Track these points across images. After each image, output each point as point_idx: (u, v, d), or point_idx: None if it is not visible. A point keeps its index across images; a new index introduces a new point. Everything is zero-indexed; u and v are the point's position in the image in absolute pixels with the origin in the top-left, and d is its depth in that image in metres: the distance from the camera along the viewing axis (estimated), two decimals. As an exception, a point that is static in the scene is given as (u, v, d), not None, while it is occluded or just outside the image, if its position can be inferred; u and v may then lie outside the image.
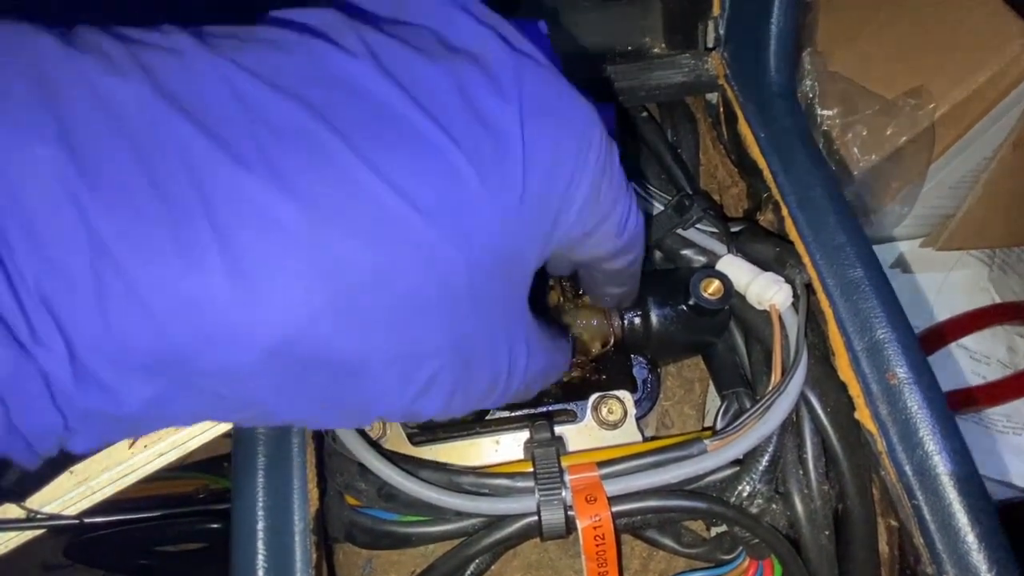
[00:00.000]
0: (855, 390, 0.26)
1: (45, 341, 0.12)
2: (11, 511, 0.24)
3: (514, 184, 0.16)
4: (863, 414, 0.26)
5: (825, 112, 0.48)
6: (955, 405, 0.52)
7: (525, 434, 0.30)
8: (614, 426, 0.30)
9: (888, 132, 0.47)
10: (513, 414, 0.32)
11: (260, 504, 0.25)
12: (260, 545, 0.24)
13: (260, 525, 0.24)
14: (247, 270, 0.13)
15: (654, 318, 0.31)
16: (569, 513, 0.26)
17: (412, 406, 0.18)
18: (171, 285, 0.13)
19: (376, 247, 0.14)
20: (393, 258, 0.15)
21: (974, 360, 0.55)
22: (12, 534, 0.24)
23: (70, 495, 0.24)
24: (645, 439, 0.31)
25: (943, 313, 0.56)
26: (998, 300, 0.57)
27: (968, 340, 0.55)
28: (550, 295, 0.33)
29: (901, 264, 0.58)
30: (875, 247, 0.58)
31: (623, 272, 0.25)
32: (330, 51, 0.15)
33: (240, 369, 0.14)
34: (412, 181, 0.15)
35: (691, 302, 0.30)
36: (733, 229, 0.33)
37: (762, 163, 0.32)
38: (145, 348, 0.13)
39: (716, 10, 0.36)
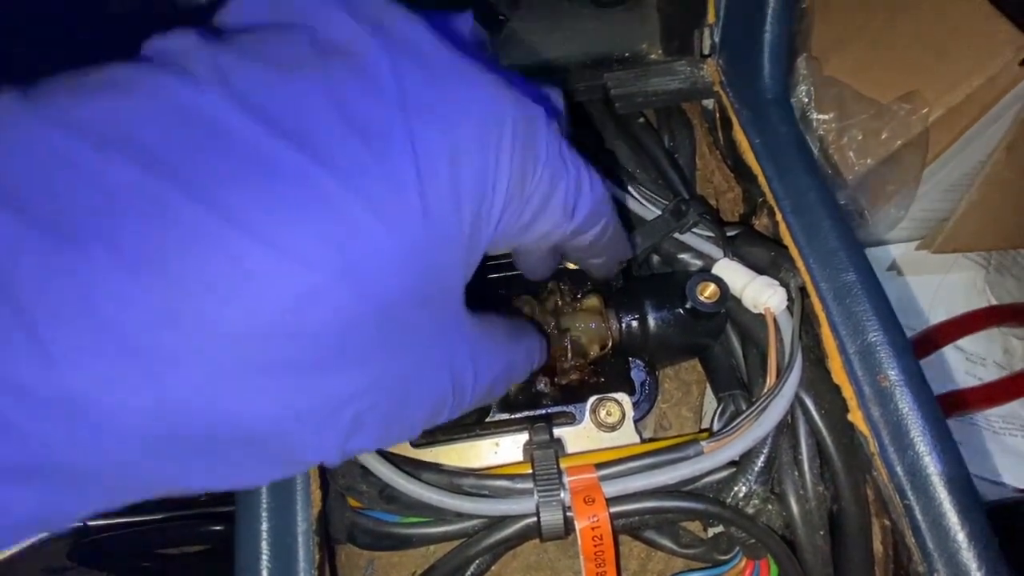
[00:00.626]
0: (848, 392, 0.27)
1: None
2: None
3: (409, 201, 0.14)
4: (856, 416, 0.26)
5: (820, 117, 0.49)
6: (951, 407, 0.52)
7: (524, 436, 0.31)
8: (612, 428, 0.31)
9: (883, 136, 0.48)
10: (512, 416, 0.32)
11: (263, 506, 0.25)
12: (264, 546, 0.24)
13: (263, 526, 0.25)
14: (107, 357, 0.12)
15: (651, 321, 0.31)
16: (568, 514, 0.26)
17: (345, 448, 0.16)
18: (23, 386, 0.12)
19: (248, 307, 0.13)
20: (271, 316, 0.13)
21: (970, 362, 0.55)
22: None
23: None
24: (643, 441, 0.31)
25: (939, 315, 0.56)
26: (994, 302, 0.57)
27: (964, 342, 0.55)
28: (548, 299, 0.33)
29: (897, 267, 0.58)
30: (871, 250, 0.58)
31: (595, 245, 0.22)
32: (175, 84, 0.13)
33: (126, 458, 0.13)
34: (279, 226, 0.13)
35: (688, 305, 0.30)
36: (729, 233, 0.33)
37: (757, 169, 0.33)
38: (9, 458, 0.12)
39: (711, 18, 0.36)
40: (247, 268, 0.13)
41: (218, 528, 0.49)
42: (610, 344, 0.32)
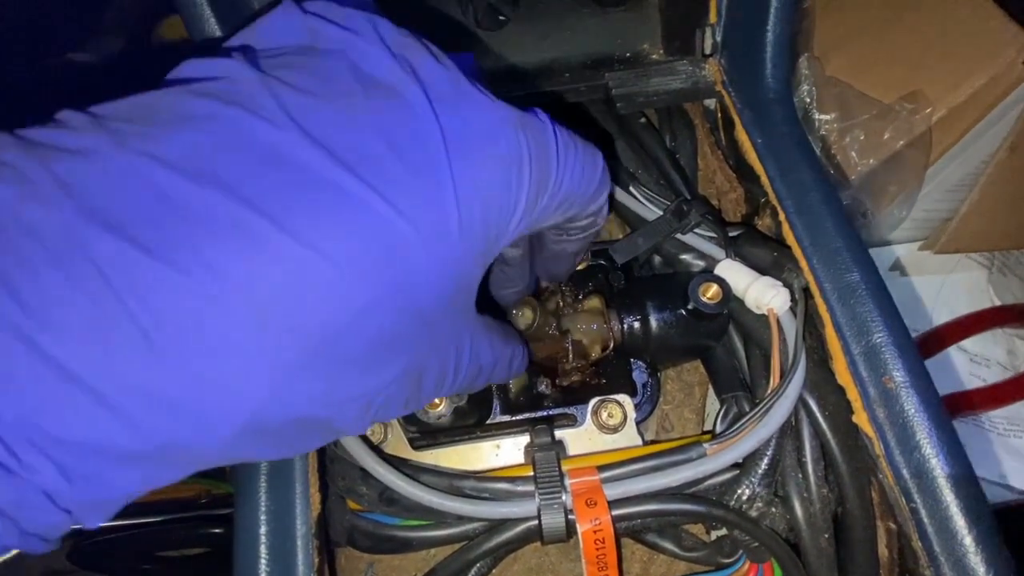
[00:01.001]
0: (853, 393, 0.26)
1: (35, 466, 0.13)
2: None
3: (450, 227, 0.16)
4: (861, 417, 0.26)
5: (823, 117, 0.48)
6: (955, 408, 0.52)
7: (525, 438, 0.31)
8: (614, 430, 0.31)
9: (885, 136, 0.48)
10: (514, 418, 0.32)
11: (262, 509, 0.25)
12: (263, 550, 0.24)
13: (263, 530, 0.25)
14: (203, 360, 0.14)
15: (653, 322, 0.31)
16: (569, 517, 0.26)
17: (370, 421, 0.19)
18: (138, 386, 0.14)
19: (320, 313, 0.15)
20: (340, 322, 0.15)
21: (974, 363, 0.55)
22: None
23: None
24: (645, 443, 0.31)
25: (942, 316, 0.56)
26: (997, 303, 0.57)
27: (968, 343, 0.55)
28: (550, 300, 0.33)
29: (900, 267, 0.58)
30: (874, 251, 0.58)
31: (592, 226, 0.24)
32: (250, 121, 0.15)
33: (216, 445, 0.16)
34: (347, 249, 0.15)
35: (690, 306, 0.30)
36: (731, 234, 0.33)
37: (759, 169, 0.33)
38: (126, 446, 0.14)
39: (713, 17, 0.36)
40: (317, 282, 0.15)
41: (217, 531, 0.49)
42: (612, 345, 0.32)
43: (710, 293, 0.30)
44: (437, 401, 0.30)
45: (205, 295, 0.14)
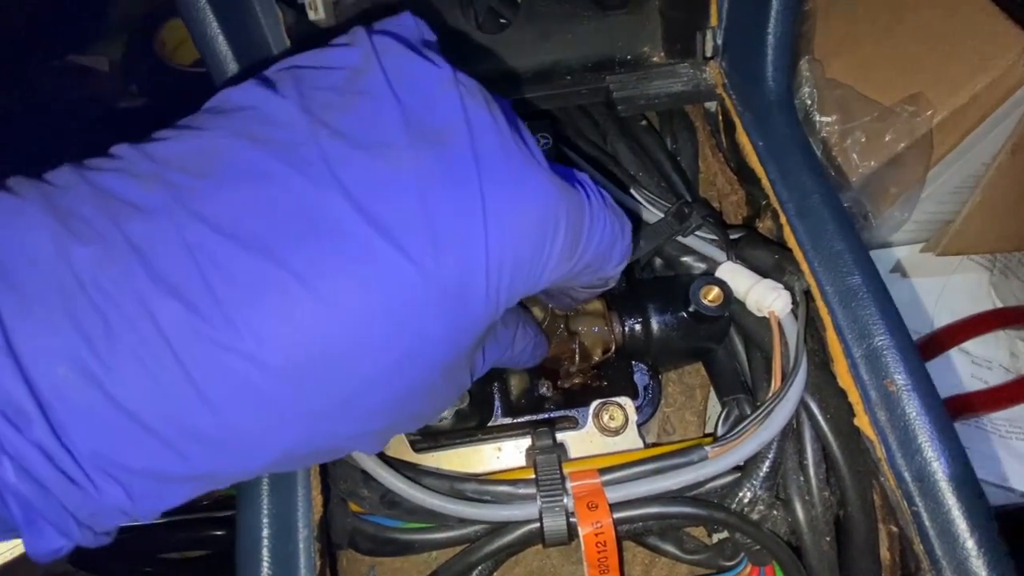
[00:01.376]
0: (854, 396, 0.26)
1: (107, 489, 0.16)
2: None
3: (476, 290, 0.17)
4: (862, 420, 0.26)
5: (824, 119, 0.48)
6: (956, 410, 0.52)
7: (527, 441, 0.31)
8: (615, 432, 0.31)
9: (886, 138, 0.48)
10: (515, 421, 0.32)
11: (265, 512, 0.25)
12: (265, 552, 0.24)
13: (265, 532, 0.25)
14: (244, 410, 0.16)
15: (655, 325, 0.31)
16: (571, 520, 0.26)
17: (387, 442, 0.22)
18: (191, 429, 0.16)
19: (348, 371, 0.17)
20: (364, 377, 0.17)
21: (976, 365, 0.55)
22: (17, 540, 0.24)
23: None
24: (646, 445, 0.31)
25: (944, 318, 0.56)
26: (999, 305, 0.57)
27: (969, 345, 0.55)
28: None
29: (901, 270, 0.58)
30: (875, 253, 0.58)
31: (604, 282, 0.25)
32: (294, 181, 0.16)
33: (252, 472, 0.18)
34: (371, 307, 0.16)
35: (691, 309, 0.30)
36: (732, 236, 0.33)
37: (760, 171, 0.33)
38: (178, 473, 0.17)
39: (714, 20, 0.36)
40: (347, 343, 0.16)
41: (219, 533, 0.49)
42: (613, 347, 0.32)
43: (711, 296, 0.30)
44: (439, 404, 0.30)
45: (247, 354, 0.15)
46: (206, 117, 0.18)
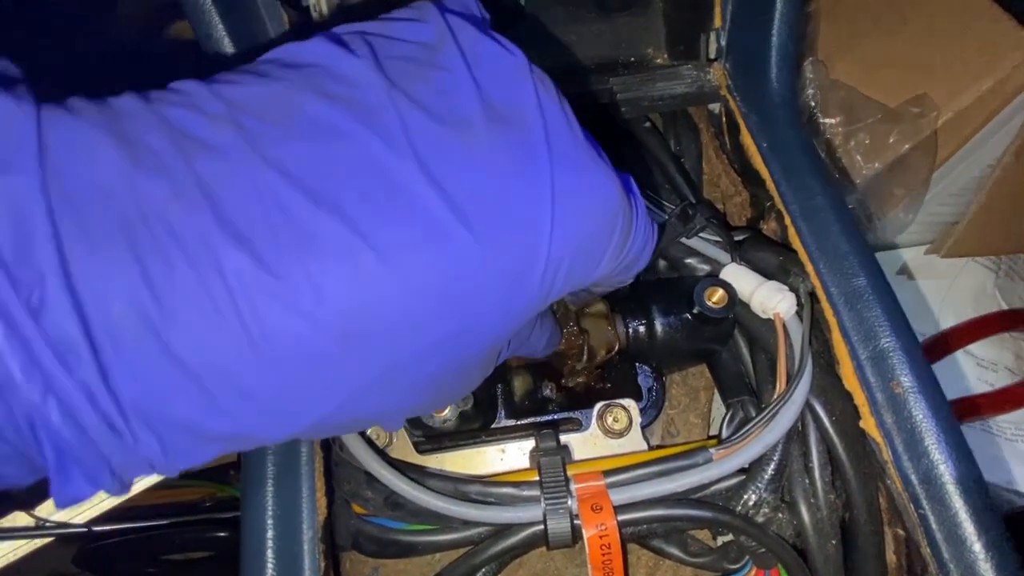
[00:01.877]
0: (860, 399, 0.26)
1: (144, 440, 0.16)
2: (20, 519, 0.24)
3: (533, 280, 0.17)
4: (868, 423, 0.26)
5: (828, 120, 0.48)
6: (962, 413, 0.51)
7: (530, 443, 0.30)
8: (619, 435, 0.30)
9: (891, 140, 0.47)
10: (518, 423, 0.32)
11: (269, 513, 0.25)
12: (269, 554, 0.24)
13: (269, 534, 0.25)
14: (293, 370, 0.16)
15: (659, 327, 0.31)
16: (575, 522, 0.26)
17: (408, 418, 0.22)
18: (239, 385, 0.16)
19: (398, 342, 0.16)
20: (411, 350, 0.17)
21: (981, 367, 0.54)
22: (21, 542, 0.24)
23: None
24: (650, 448, 0.31)
25: (949, 320, 0.56)
26: (1005, 307, 0.56)
27: (975, 347, 0.55)
28: (557, 305, 0.33)
29: (906, 271, 0.57)
30: (880, 254, 0.58)
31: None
32: (370, 142, 0.16)
33: (282, 437, 0.18)
34: (429, 280, 0.16)
35: (695, 311, 0.30)
36: (737, 238, 0.33)
37: (764, 173, 0.33)
38: (216, 430, 0.16)
39: (718, 22, 0.36)
40: (401, 313, 0.16)
41: (222, 534, 0.49)
42: (617, 349, 0.31)
43: (715, 297, 0.30)
44: (442, 405, 0.30)
45: (305, 312, 0.15)
46: (272, 67, 0.17)
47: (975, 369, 0.54)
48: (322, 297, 0.15)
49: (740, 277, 0.30)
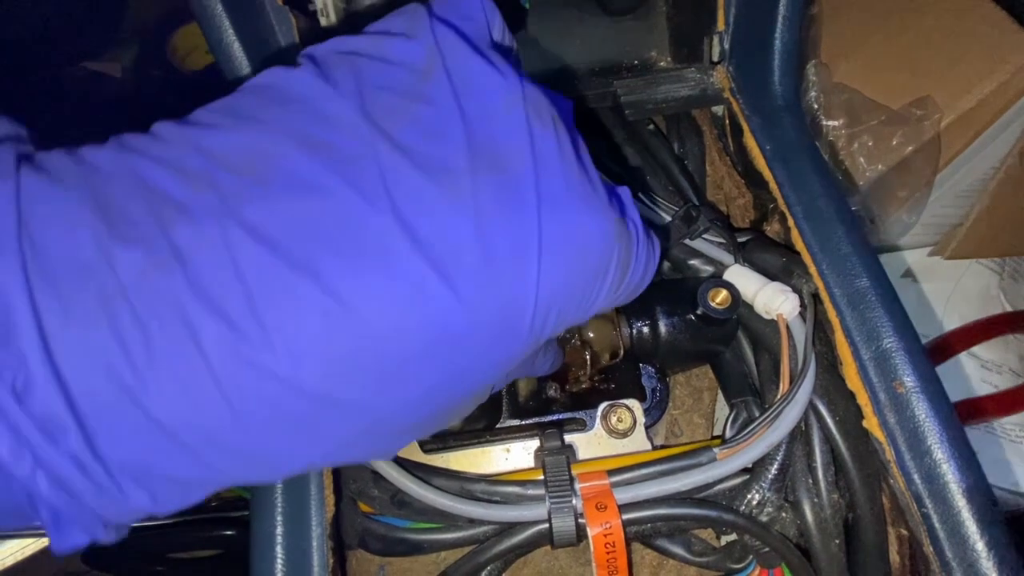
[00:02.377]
0: (863, 399, 0.26)
1: (133, 494, 0.16)
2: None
3: (521, 326, 0.17)
4: (871, 423, 0.26)
5: (831, 123, 0.49)
6: (966, 414, 0.51)
7: (535, 442, 0.31)
8: (623, 435, 0.31)
9: (894, 142, 0.48)
10: (523, 423, 0.32)
11: (279, 509, 0.25)
12: (279, 550, 0.25)
13: (279, 530, 0.25)
14: (271, 431, 0.16)
15: (662, 327, 0.31)
16: (580, 521, 0.26)
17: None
18: (220, 442, 0.16)
19: (376, 399, 0.16)
20: (393, 406, 0.17)
21: (985, 369, 0.54)
22: (30, 540, 0.24)
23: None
24: (654, 448, 0.31)
25: (953, 322, 0.56)
26: (1009, 309, 0.56)
27: (979, 349, 0.55)
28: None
29: (910, 273, 0.57)
30: (884, 256, 0.58)
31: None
32: (348, 200, 0.16)
33: (273, 480, 0.19)
34: (411, 334, 0.16)
35: (699, 311, 0.30)
36: (740, 239, 0.33)
37: (768, 175, 0.33)
38: (204, 480, 0.17)
39: (721, 25, 0.36)
40: (373, 372, 0.16)
41: (230, 533, 0.50)
42: (621, 350, 0.32)
43: (719, 298, 0.30)
44: (448, 405, 0.30)
45: (282, 376, 0.15)
46: (258, 103, 0.17)
47: (979, 371, 0.54)
48: (299, 360, 0.15)
49: (743, 278, 0.31)
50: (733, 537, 0.30)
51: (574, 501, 0.26)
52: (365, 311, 0.15)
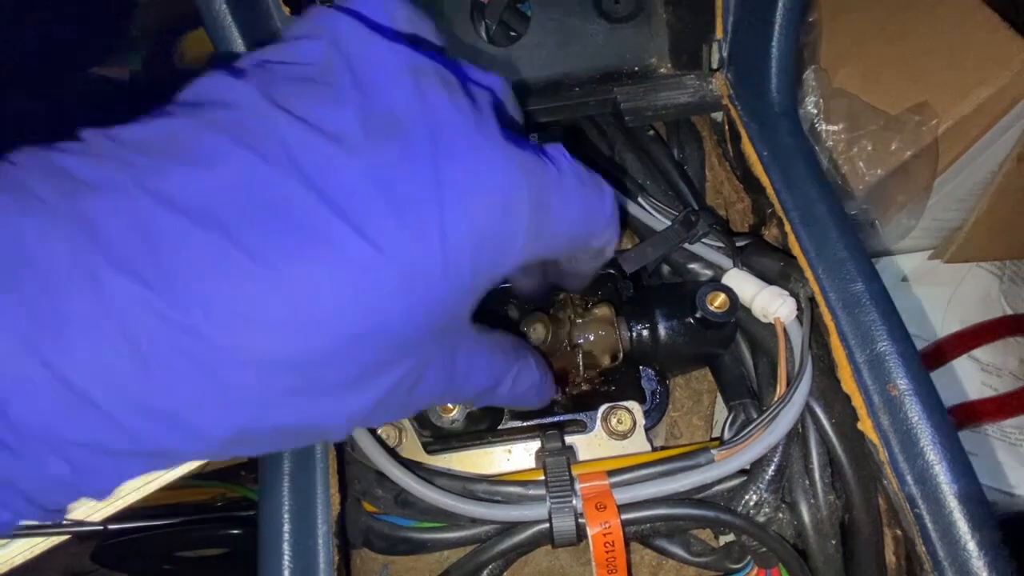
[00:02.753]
0: (858, 401, 0.27)
1: (51, 463, 0.16)
2: (38, 517, 0.25)
3: (432, 267, 0.17)
4: (865, 425, 0.27)
5: (830, 128, 0.49)
6: (966, 418, 0.52)
7: (536, 443, 0.31)
8: (623, 436, 0.31)
9: (893, 147, 0.48)
10: (524, 424, 0.33)
11: (286, 507, 0.26)
12: (286, 547, 0.25)
13: (286, 528, 0.26)
14: (190, 384, 0.16)
15: (662, 330, 0.32)
16: (580, 521, 0.27)
17: (351, 429, 0.21)
18: (135, 401, 0.16)
19: (299, 345, 0.16)
20: (319, 351, 0.17)
21: (985, 372, 0.55)
22: (38, 539, 0.25)
23: (95, 502, 0.25)
24: (654, 449, 0.31)
25: (953, 325, 0.56)
26: (1009, 312, 0.56)
27: (979, 352, 0.55)
28: (560, 312, 0.34)
29: (910, 277, 0.58)
30: (883, 260, 0.58)
31: (597, 259, 0.24)
32: (252, 165, 0.16)
33: (205, 450, 0.18)
34: (323, 283, 0.16)
35: (698, 315, 0.30)
36: (739, 244, 0.34)
37: (765, 180, 0.33)
38: (125, 448, 0.16)
39: (719, 32, 0.37)
40: (298, 318, 0.16)
41: (236, 532, 0.50)
42: (621, 353, 0.32)
43: (718, 302, 0.30)
44: (450, 407, 0.31)
45: (193, 328, 0.15)
46: (179, 107, 0.18)
47: (979, 374, 0.54)
48: (210, 312, 0.15)
49: (742, 282, 0.31)
50: (731, 537, 0.30)
51: (574, 501, 0.27)
52: (273, 263, 0.16)
